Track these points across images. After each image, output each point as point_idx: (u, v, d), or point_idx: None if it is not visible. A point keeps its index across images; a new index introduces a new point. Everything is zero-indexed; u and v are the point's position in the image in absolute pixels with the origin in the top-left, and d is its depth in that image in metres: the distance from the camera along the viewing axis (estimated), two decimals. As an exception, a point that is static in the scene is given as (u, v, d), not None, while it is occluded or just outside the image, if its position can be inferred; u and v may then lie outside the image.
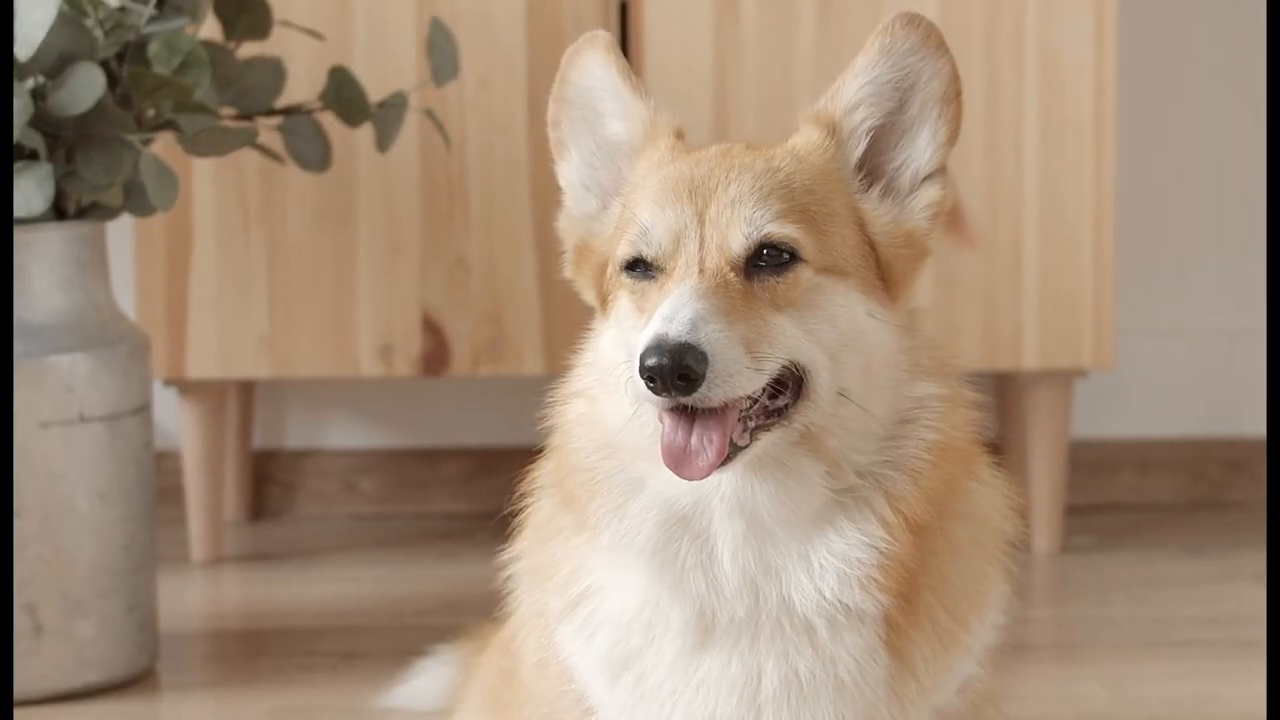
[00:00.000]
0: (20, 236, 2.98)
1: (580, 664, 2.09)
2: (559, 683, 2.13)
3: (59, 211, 3.07)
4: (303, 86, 3.45)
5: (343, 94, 3.26)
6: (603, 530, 2.02)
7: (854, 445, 1.97)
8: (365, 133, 3.48)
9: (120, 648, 3.09)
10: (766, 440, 1.95)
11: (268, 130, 3.28)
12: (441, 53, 3.33)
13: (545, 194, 3.56)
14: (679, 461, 1.91)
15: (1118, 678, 3.13)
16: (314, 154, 3.27)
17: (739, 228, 1.96)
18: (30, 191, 2.89)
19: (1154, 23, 4.10)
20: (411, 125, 3.53)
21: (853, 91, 2.02)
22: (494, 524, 2.20)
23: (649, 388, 1.88)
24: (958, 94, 2.01)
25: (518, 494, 2.15)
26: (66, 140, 2.97)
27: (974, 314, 3.66)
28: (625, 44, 3.65)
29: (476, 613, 2.75)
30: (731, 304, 1.92)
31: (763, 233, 1.95)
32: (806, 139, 2.04)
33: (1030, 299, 3.66)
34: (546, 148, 3.77)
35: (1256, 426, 4.17)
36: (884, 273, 2.00)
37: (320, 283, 3.65)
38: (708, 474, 1.91)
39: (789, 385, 1.95)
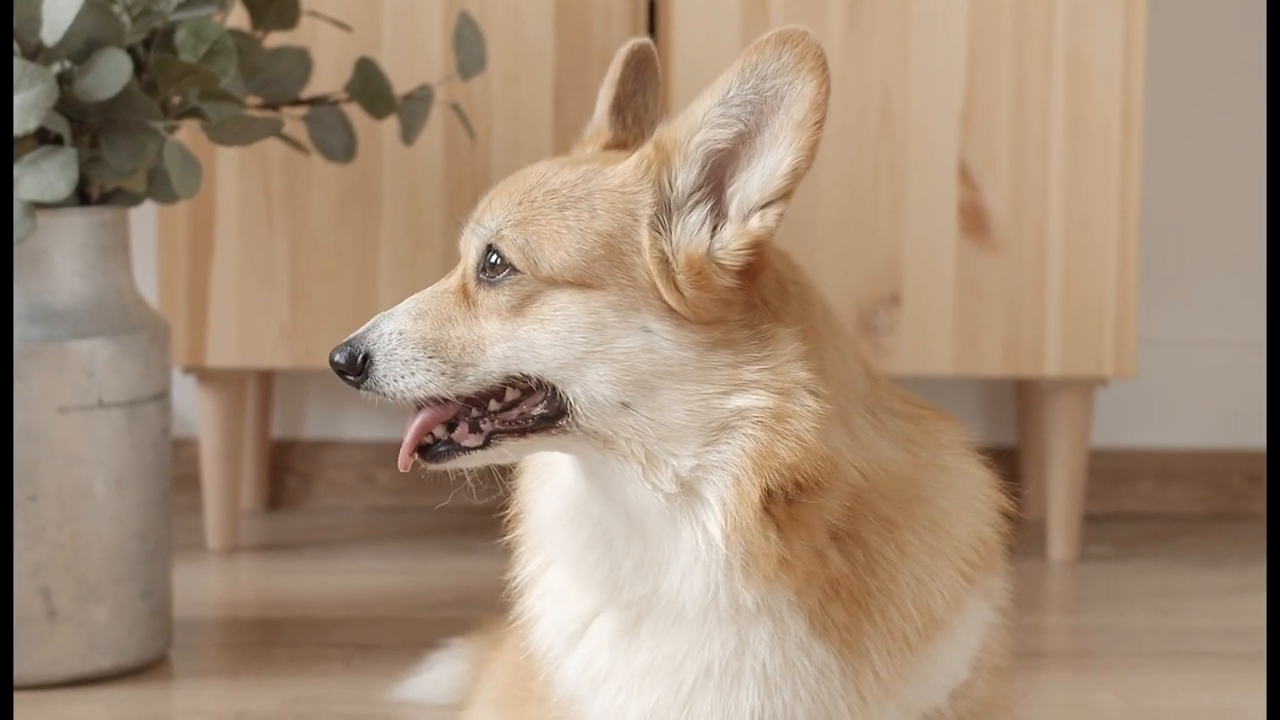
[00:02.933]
0: (43, 221, 2.98)
1: (540, 638, 2.15)
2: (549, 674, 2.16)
3: (83, 197, 3.07)
4: (329, 77, 3.45)
5: (369, 86, 3.26)
6: (527, 509, 2.14)
7: (667, 450, 2.00)
8: (390, 125, 3.48)
9: (134, 634, 3.10)
10: (518, 445, 2.02)
11: (293, 120, 3.28)
12: (468, 47, 3.32)
13: (569, 190, 3.56)
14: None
15: (1133, 688, 3.12)
16: (339, 145, 3.28)
17: (474, 234, 2.03)
18: (54, 176, 2.89)
19: (1183, 32, 4.09)
20: (437, 119, 3.52)
21: (701, 112, 1.99)
22: (507, 517, 2.22)
23: None
24: (816, 122, 1.94)
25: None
26: (91, 126, 2.98)
27: (996, 320, 3.65)
28: (653, 43, 3.64)
29: (492, 607, 2.75)
30: (438, 308, 2.02)
31: (485, 241, 2.01)
32: (626, 159, 2.04)
33: (1053, 306, 3.65)
34: (571, 144, 3.77)
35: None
36: (677, 293, 1.99)
37: (342, 274, 3.65)
38: (406, 459, 2.06)
39: (543, 395, 2.00)
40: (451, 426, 2.04)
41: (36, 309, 3.02)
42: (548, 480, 2.12)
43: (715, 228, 1.99)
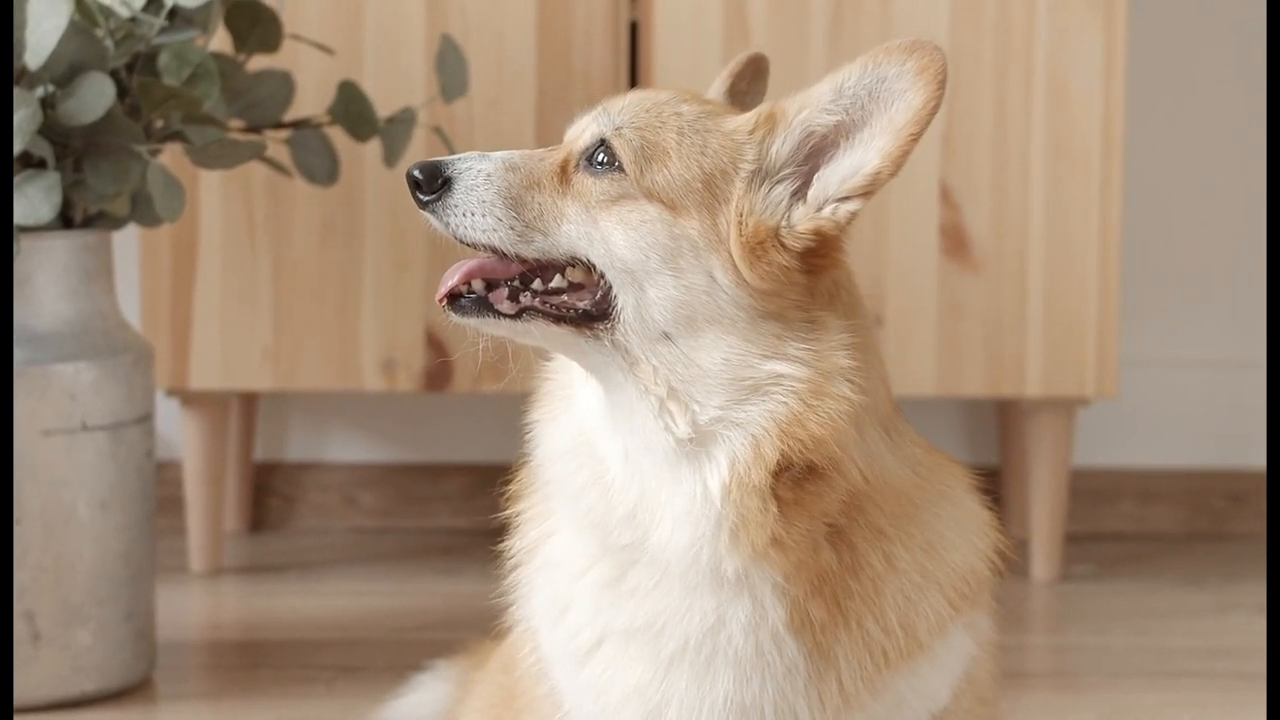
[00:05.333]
0: (26, 244, 2.99)
1: (531, 614, 2.14)
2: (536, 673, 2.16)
3: (66, 220, 3.07)
4: (311, 100, 3.45)
5: (351, 109, 3.27)
6: (535, 445, 2.12)
7: (691, 393, 2.01)
8: (373, 147, 3.48)
9: (117, 656, 3.10)
10: (546, 331, 2.03)
11: (275, 143, 3.29)
12: (451, 70, 3.33)
13: (552, 212, 3.57)
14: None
15: (1115, 708, 3.13)
16: (321, 168, 3.28)
17: (596, 121, 2.06)
18: (38, 200, 2.90)
19: (1162, 55, 4.11)
20: (419, 141, 3.53)
21: (815, 93, 2.03)
22: (494, 535, 2.22)
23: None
24: (913, 134, 1.97)
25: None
26: (75, 149, 2.98)
27: (977, 340, 3.66)
28: (635, 64, 3.66)
29: (476, 629, 2.76)
30: (531, 170, 2.05)
31: (603, 133, 2.04)
32: (744, 116, 2.08)
33: (1034, 326, 3.66)
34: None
35: (1260, 459, 4.17)
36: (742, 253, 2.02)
37: (325, 296, 3.65)
38: (440, 297, 2.05)
39: (593, 293, 2.02)
40: (491, 288, 2.04)
41: (20, 332, 3.02)
42: (560, 415, 2.12)
43: (791, 208, 2.02)
